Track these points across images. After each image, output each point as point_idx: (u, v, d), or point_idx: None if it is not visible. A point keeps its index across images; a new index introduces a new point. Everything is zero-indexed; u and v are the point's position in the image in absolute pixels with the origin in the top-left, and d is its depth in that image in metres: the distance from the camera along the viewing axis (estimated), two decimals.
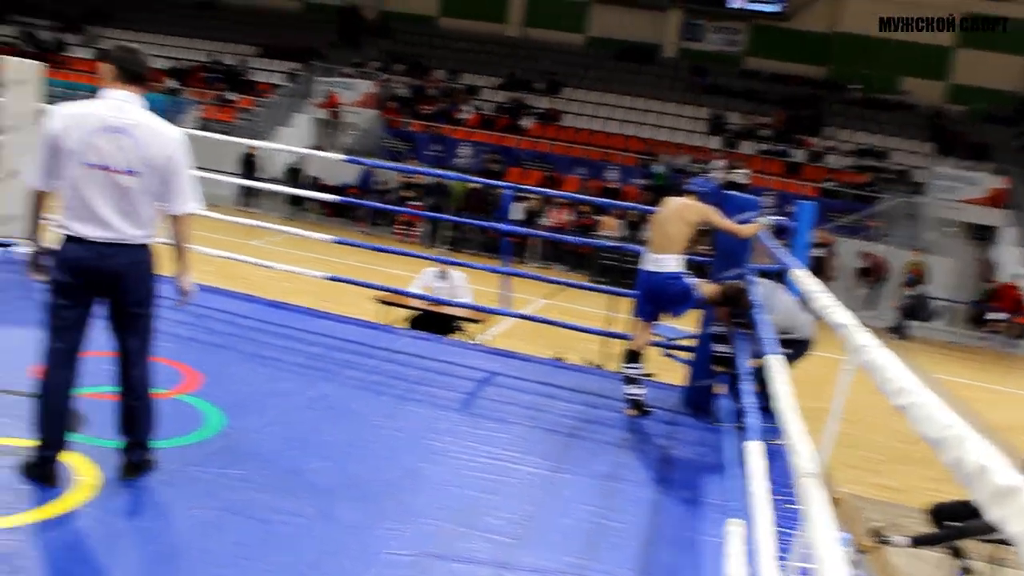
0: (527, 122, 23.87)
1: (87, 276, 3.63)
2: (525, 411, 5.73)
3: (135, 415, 3.88)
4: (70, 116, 3.57)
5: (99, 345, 4.37)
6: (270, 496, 3.91)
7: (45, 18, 30.10)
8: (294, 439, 4.65)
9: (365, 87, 24.32)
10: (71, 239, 3.61)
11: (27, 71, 8.22)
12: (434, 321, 8.90)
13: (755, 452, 3.49)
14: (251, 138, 22.37)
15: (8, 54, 8.93)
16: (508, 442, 5.06)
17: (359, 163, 11.16)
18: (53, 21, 29.76)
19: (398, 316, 8.99)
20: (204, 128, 22.56)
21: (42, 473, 3.72)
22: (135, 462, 3.91)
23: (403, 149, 22.59)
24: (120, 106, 3.62)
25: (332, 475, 4.26)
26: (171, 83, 24.62)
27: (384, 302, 8.90)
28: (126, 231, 3.63)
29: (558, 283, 10.02)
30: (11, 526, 3.38)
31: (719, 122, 24.50)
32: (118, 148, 3.56)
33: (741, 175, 6.44)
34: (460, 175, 9.92)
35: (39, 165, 3.63)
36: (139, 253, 3.71)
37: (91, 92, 3.77)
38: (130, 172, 3.59)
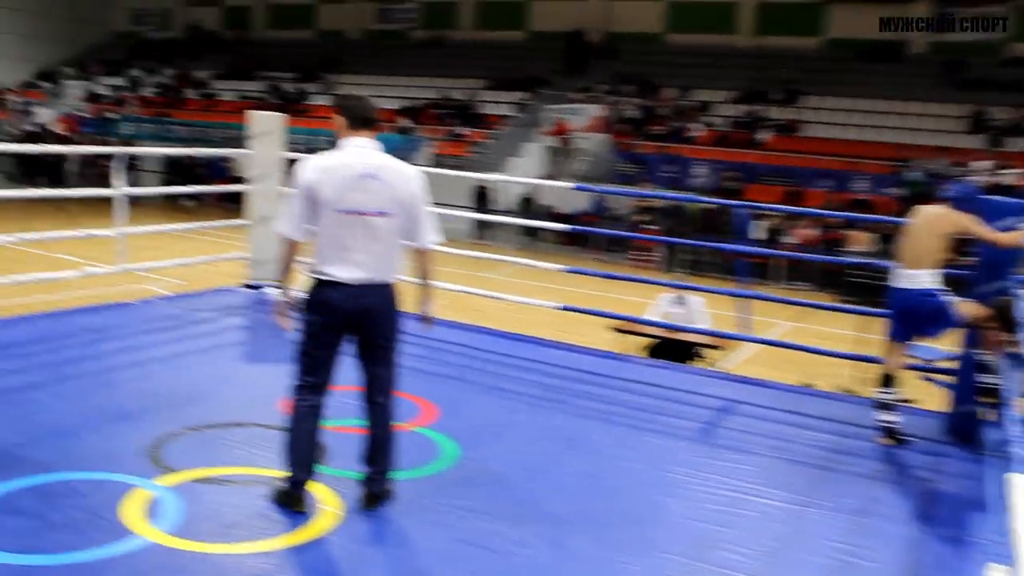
0: (764, 135, 23.35)
1: (340, 316, 3.95)
2: (769, 441, 5.60)
3: (379, 446, 4.16)
4: (323, 168, 3.91)
5: (345, 380, 4.72)
6: (505, 526, 4.06)
7: (286, 71, 32.70)
8: (528, 470, 4.79)
9: (593, 111, 24.67)
10: (325, 283, 3.94)
11: (271, 123, 8.99)
12: (672, 349, 8.88)
13: (1021, 487, 3.25)
14: (484, 171, 23.25)
15: (255, 108, 9.81)
16: (750, 474, 4.97)
17: (589, 190, 11.34)
18: (294, 73, 32.26)
19: (635, 344, 9.04)
20: (437, 164, 23.69)
21: (291, 500, 4.07)
22: (376, 492, 4.17)
23: (635, 172, 22.67)
24: (363, 152, 3.96)
25: (566, 506, 4.35)
26: (404, 122, 26.01)
27: (620, 330, 8.97)
28: (378, 272, 3.95)
29: (804, 304, 9.72)
30: (264, 551, 3.70)
31: (981, 119, 22.90)
32: (370, 193, 3.88)
33: (1010, 176, 6.02)
34: (692, 196, 9.92)
35: (293, 215, 3.96)
36: (388, 291, 4.03)
37: (330, 137, 4.13)
38: (382, 214, 3.91)
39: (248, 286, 9.09)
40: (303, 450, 4.07)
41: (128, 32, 40.83)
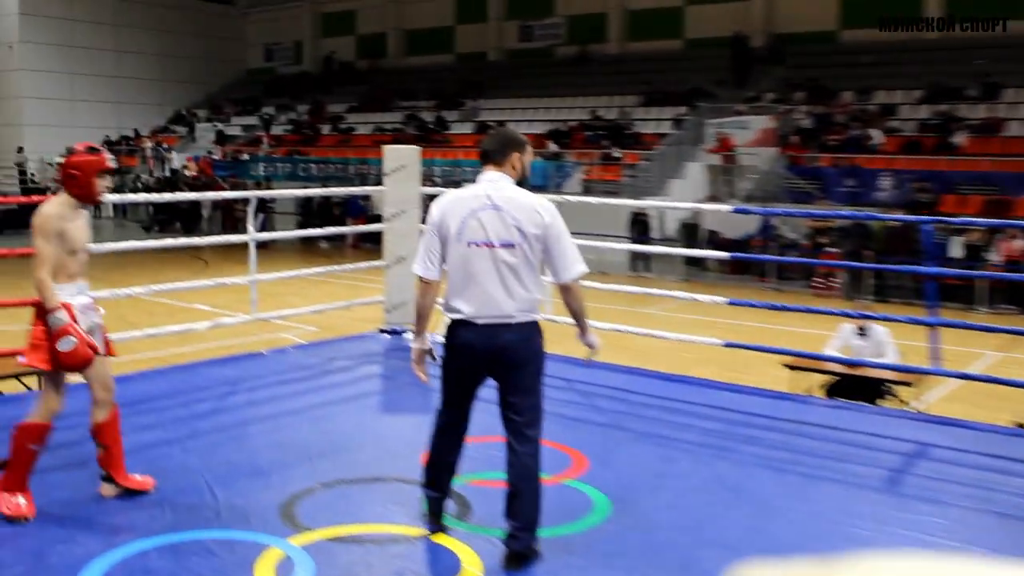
0: (960, 138, 22.49)
1: (476, 358, 4.24)
2: (969, 490, 5.39)
3: (518, 499, 4.22)
4: (447, 202, 4.25)
5: (486, 429, 4.83)
6: None
7: (425, 99, 33.64)
8: (687, 526, 4.77)
9: (761, 123, 24.35)
10: (459, 323, 4.23)
11: (407, 156, 9.28)
12: (855, 386, 8.65)
13: None
14: (640, 195, 23.24)
15: (392, 140, 10.17)
16: (945, 528, 4.80)
17: (753, 212, 11.21)
18: (432, 100, 33.16)
19: (812, 383, 8.85)
20: (588, 191, 23.85)
21: (428, 516, 4.54)
22: (517, 551, 4.24)
23: (810, 189, 22.22)
24: (491, 186, 4.24)
25: (730, 566, 4.30)
26: (552, 147, 26.31)
27: (793, 367, 8.81)
28: (512, 309, 4.17)
29: (1012, 332, 9.31)
30: None
31: None
32: (494, 224, 4.14)
33: None
34: (875, 214, 9.63)
35: (423, 254, 4.28)
36: (526, 331, 4.23)
37: (474, 167, 4.47)
38: (509, 245, 4.14)
39: (385, 331, 9.37)
40: (441, 470, 4.52)
41: (260, 68, 42.94)
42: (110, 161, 4.96)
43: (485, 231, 4.15)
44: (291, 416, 6.62)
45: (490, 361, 4.22)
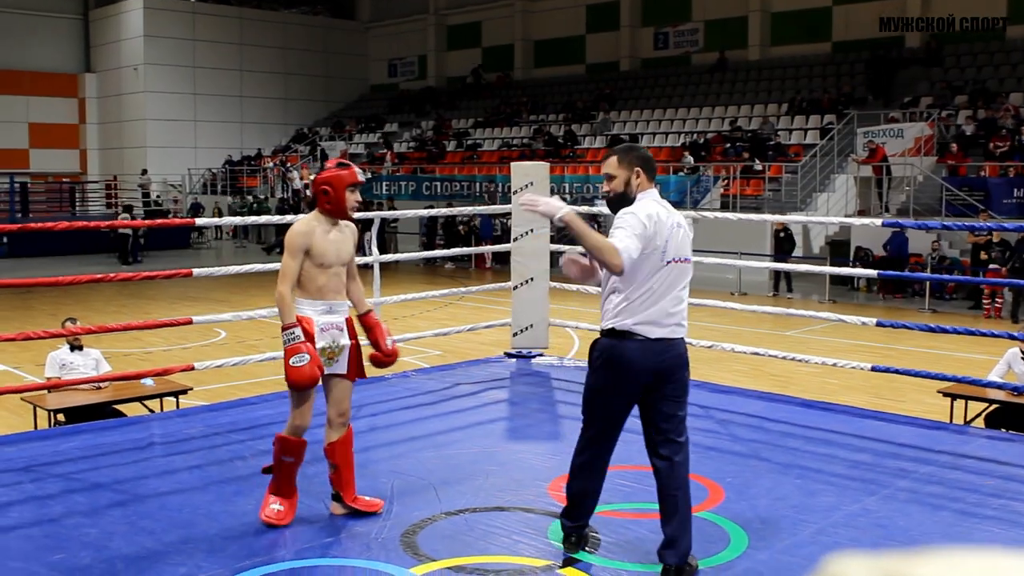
0: None
1: (642, 376, 4.44)
2: None
3: (674, 505, 4.46)
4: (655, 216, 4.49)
5: (622, 459, 4.88)
6: None
7: (554, 112, 33.89)
8: None
9: (917, 131, 23.78)
10: (630, 336, 4.43)
11: (534, 173, 9.40)
12: (1021, 416, 8.39)
13: None
14: (785, 210, 22.95)
15: (519, 156, 10.31)
16: None
17: (904, 226, 10.97)
18: (562, 114, 33.38)
19: (971, 412, 8.62)
20: (727, 206, 23.64)
21: (568, 541, 4.76)
22: (673, 566, 4.38)
23: (973, 201, 21.59)
24: (662, 202, 4.61)
25: None
26: (688, 160, 26.19)
27: (950, 395, 8.60)
28: (679, 326, 4.53)
29: None
30: None
31: None
32: (683, 241, 4.51)
33: None
34: None
35: (635, 239, 4.39)
36: (684, 347, 4.59)
37: (600, 183, 4.64)
38: (686, 260, 4.53)
39: (511, 355, 9.49)
40: (583, 498, 4.73)
41: (383, 84, 43.92)
42: (360, 175, 5.25)
43: (677, 248, 4.49)
44: (414, 442, 6.78)
45: (654, 379, 4.53)
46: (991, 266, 18.96)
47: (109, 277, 7.62)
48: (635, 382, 4.43)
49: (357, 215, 11.75)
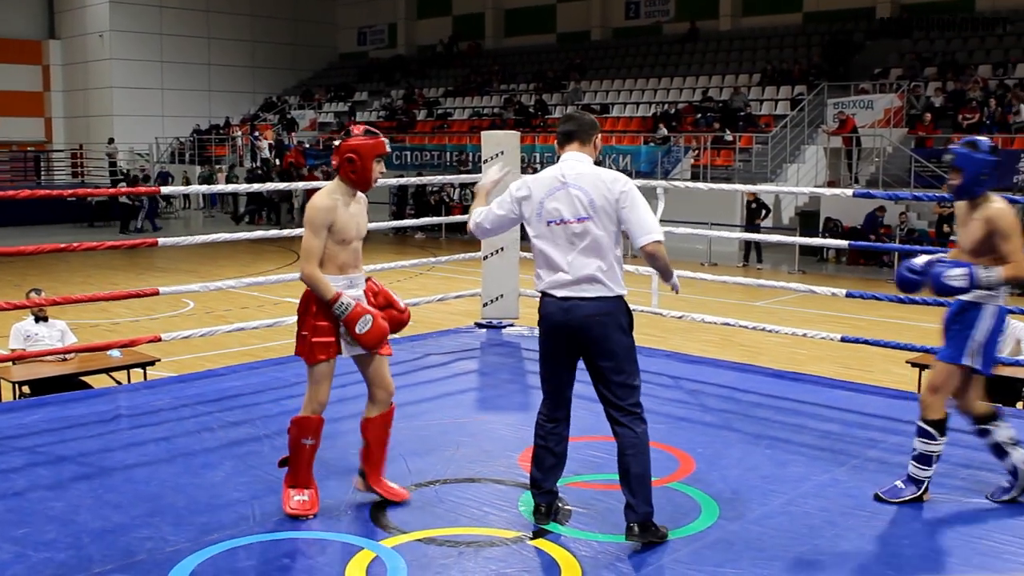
0: None
1: (559, 334, 4.59)
2: None
3: (627, 468, 4.52)
4: (534, 179, 4.69)
5: (585, 429, 4.86)
6: None
7: (525, 82, 33.75)
8: (800, 534, 4.72)
9: (887, 102, 23.84)
10: (544, 296, 4.63)
11: (505, 143, 9.33)
12: (990, 387, 8.42)
13: None
14: (755, 181, 22.99)
15: (490, 126, 10.26)
16: None
17: (874, 196, 11.00)
18: (533, 83, 33.23)
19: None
20: (697, 177, 23.65)
21: (538, 512, 4.78)
22: (636, 523, 4.48)
23: (943, 172, 21.68)
24: (572, 165, 4.61)
25: None
26: (660, 130, 26.15)
27: (919, 365, 8.64)
28: (587, 285, 4.51)
29: None
30: None
31: None
32: (570, 201, 4.51)
33: None
34: (1011, 197, 9.28)
35: (489, 211, 4.83)
36: (603, 306, 4.51)
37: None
38: (581, 219, 4.49)
39: (482, 325, 9.46)
40: (544, 466, 4.78)
41: (352, 53, 43.57)
42: (387, 145, 4.97)
43: (561, 210, 4.53)
44: None
45: (572, 337, 4.58)
46: (952, 238, 19.08)
47: (73, 246, 7.50)
48: (550, 339, 4.64)
49: (324, 184, 11.62)
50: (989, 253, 4.97)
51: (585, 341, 4.52)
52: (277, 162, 32.01)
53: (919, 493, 5.11)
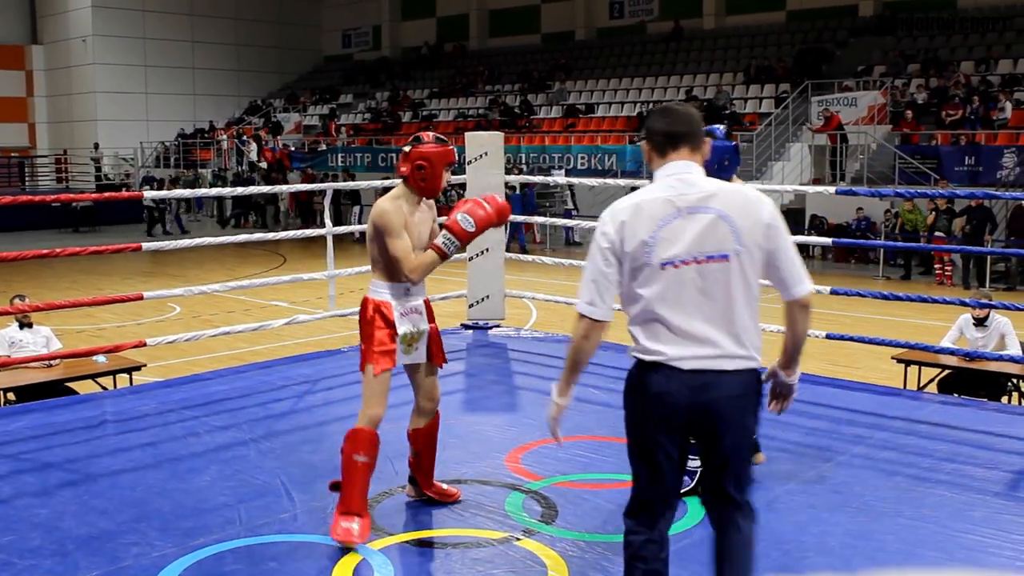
0: None
1: (676, 419, 3.39)
2: None
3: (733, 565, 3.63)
4: (627, 209, 3.39)
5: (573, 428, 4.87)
6: None
7: (510, 82, 33.75)
8: (786, 530, 4.74)
9: (870, 99, 23.91)
10: (652, 365, 3.38)
11: (488, 143, 9.35)
12: (974, 381, 8.48)
13: None
14: (740, 179, 23.00)
15: (475, 127, 10.26)
16: None
17: (858, 194, 11.03)
18: (518, 84, 33.24)
19: (925, 378, 8.70)
20: None
21: None
22: None
23: (927, 168, 21.77)
24: (685, 179, 3.40)
25: (830, 571, 4.28)
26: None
27: (904, 361, 8.67)
28: (728, 352, 3.35)
29: None
30: None
31: None
32: (700, 232, 3.32)
33: None
34: (998, 193, 9.40)
35: (588, 286, 3.40)
36: (747, 382, 3.41)
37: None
38: (723, 257, 3.32)
39: (468, 326, 9.47)
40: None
41: (337, 55, 43.50)
42: (455, 153, 4.88)
43: (689, 244, 3.32)
44: None
45: (696, 421, 3.41)
46: (936, 234, 19.19)
47: (57, 252, 7.48)
48: (665, 427, 3.39)
49: (310, 186, 11.63)
50: None
51: (713, 426, 3.39)
52: (263, 164, 31.93)
53: (692, 485, 5.02)
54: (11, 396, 7.96)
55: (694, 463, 4.99)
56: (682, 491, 4.90)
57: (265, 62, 41.98)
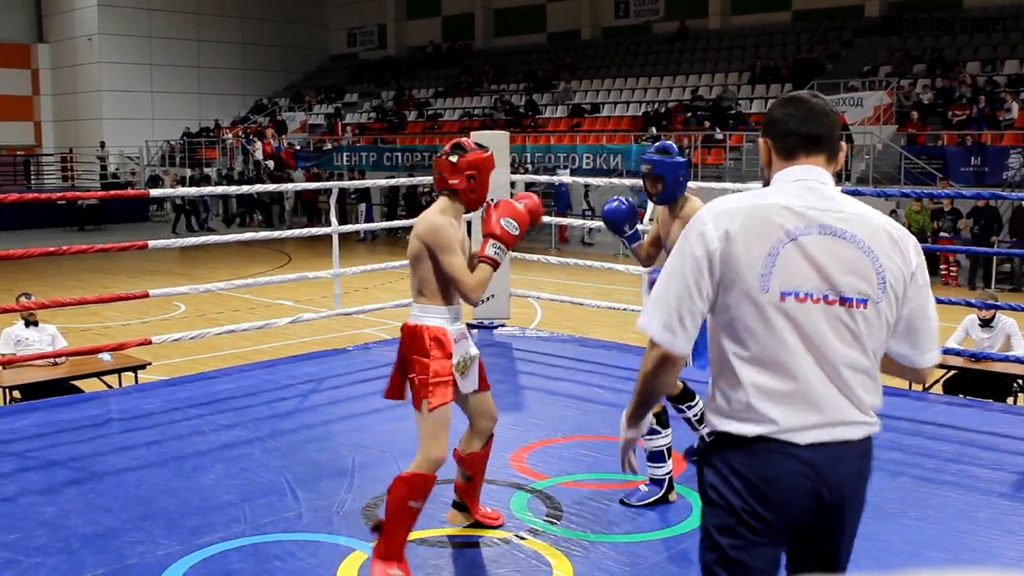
0: None
1: (786, 513, 2.55)
2: None
3: None
4: (735, 213, 2.59)
5: (576, 428, 4.86)
6: None
7: (515, 82, 33.76)
8: None
9: (876, 100, 23.89)
10: (750, 440, 2.54)
11: (493, 143, 9.33)
12: (979, 382, 8.47)
13: None
14: (746, 179, 22.97)
15: (480, 126, 10.27)
16: None
17: (863, 194, 11.02)
18: (523, 83, 33.25)
19: (931, 378, 8.68)
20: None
21: None
22: None
23: (932, 169, 21.75)
24: (818, 190, 2.63)
25: None
26: (651, 129, 26.18)
27: None
28: (849, 410, 2.57)
29: None
30: None
31: None
32: (837, 262, 2.54)
33: None
34: (1004, 193, 9.38)
35: (666, 305, 2.60)
36: (868, 452, 2.65)
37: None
38: (861, 302, 2.55)
39: (472, 326, 9.46)
40: None
41: (342, 54, 43.52)
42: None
43: (822, 276, 2.53)
44: (375, 414, 6.73)
45: (817, 515, 2.58)
46: (941, 234, 19.16)
47: (63, 250, 7.49)
48: (757, 512, 2.55)
49: (316, 184, 11.61)
50: None
51: (834, 520, 2.60)
52: (269, 163, 31.96)
53: (663, 493, 5.03)
54: (17, 394, 7.98)
55: (661, 470, 5.03)
56: (650, 500, 4.95)
57: (270, 61, 42.00)
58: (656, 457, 5.05)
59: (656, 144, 5.25)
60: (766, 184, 2.75)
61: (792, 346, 2.51)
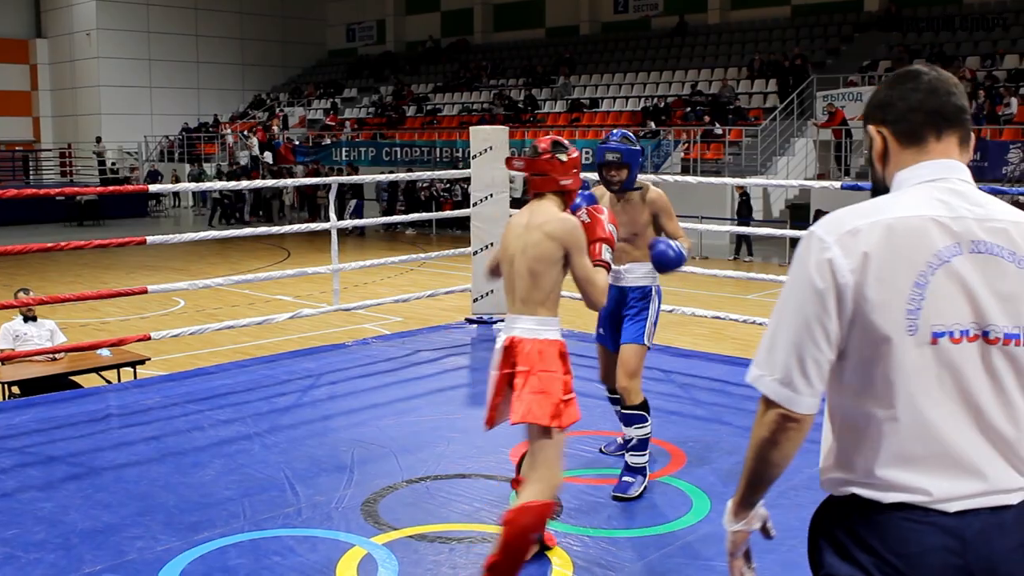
0: None
1: None
2: None
3: None
4: (870, 231, 2.01)
5: (585, 425, 4.85)
6: None
7: (514, 77, 33.74)
8: (792, 525, 4.69)
9: None
10: (895, 507, 2.03)
11: (493, 137, 9.32)
12: None
13: None
14: (745, 174, 23.00)
15: (479, 121, 10.27)
16: None
17: (863, 189, 11.00)
18: (522, 78, 33.23)
19: None
20: (687, 170, 23.66)
21: None
22: None
23: None
24: (964, 193, 2.08)
25: None
26: (650, 124, 26.16)
27: None
28: (1005, 473, 2.02)
29: None
30: None
31: None
32: (993, 290, 2.01)
33: None
34: (1003, 188, 9.32)
35: (783, 353, 2.08)
36: None
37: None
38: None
39: (472, 321, 9.45)
40: None
41: (341, 50, 43.49)
42: None
43: (976, 308, 2.00)
44: (374, 410, 6.73)
45: None
46: None
47: (61, 245, 7.48)
48: None
49: (314, 180, 11.58)
50: (644, 236, 5.19)
51: None
52: (266, 156, 31.93)
53: (646, 481, 5.09)
54: (15, 389, 7.97)
55: (640, 459, 5.04)
56: (641, 491, 4.94)
57: (269, 56, 41.99)
58: (642, 446, 5.10)
59: (615, 132, 5.27)
60: (879, 186, 2.20)
61: (946, 400, 1.99)
